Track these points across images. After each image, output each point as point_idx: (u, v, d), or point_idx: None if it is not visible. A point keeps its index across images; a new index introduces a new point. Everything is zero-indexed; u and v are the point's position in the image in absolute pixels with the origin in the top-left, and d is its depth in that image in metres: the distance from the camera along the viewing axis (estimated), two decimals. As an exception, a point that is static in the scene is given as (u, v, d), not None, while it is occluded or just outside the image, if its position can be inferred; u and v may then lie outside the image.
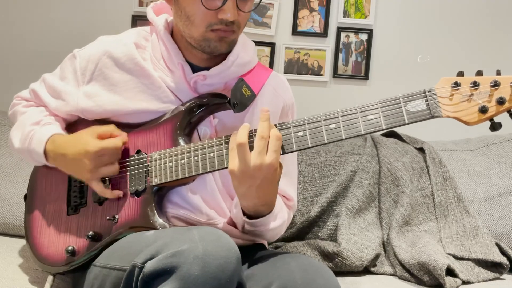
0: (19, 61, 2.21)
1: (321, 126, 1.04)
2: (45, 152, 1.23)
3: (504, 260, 1.62)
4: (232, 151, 1.06)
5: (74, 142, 1.19)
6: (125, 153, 1.22)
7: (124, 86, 1.23)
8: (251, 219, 1.16)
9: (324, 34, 2.22)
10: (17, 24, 2.21)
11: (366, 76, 2.24)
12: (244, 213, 1.17)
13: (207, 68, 1.21)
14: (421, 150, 1.90)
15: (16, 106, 1.37)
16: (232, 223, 1.23)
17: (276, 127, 1.07)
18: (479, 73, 0.98)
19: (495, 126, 0.96)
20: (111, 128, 1.20)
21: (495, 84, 0.95)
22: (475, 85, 0.96)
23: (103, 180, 1.20)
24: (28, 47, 2.21)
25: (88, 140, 1.17)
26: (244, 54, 1.24)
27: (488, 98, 0.95)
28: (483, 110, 0.95)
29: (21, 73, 2.19)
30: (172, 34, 1.25)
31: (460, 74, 0.98)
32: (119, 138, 1.19)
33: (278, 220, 1.21)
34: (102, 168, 1.18)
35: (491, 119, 0.96)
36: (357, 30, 2.22)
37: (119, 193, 1.19)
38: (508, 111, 0.95)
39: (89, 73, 1.25)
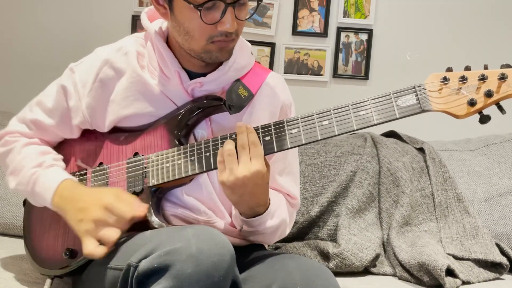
0: (20, 61, 2.22)
1: (315, 123, 1.06)
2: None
3: (504, 260, 1.62)
4: (220, 164, 1.08)
5: (90, 192, 1.16)
6: (123, 155, 1.22)
7: (122, 94, 1.23)
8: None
9: (324, 34, 2.22)
10: (18, 24, 2.22)
11: (366, 76, 2.24)
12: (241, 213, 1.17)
13: (204, 74, 1.21)
14: (421, 150, 1.89)
15: (12, 143, 1.28)
16: (233, 225, 1.24)
17: (270, 126, 1.09)
18: (467, 68, 1.00)
19: (483, 119, 0.97)
20: (132, 198, 1.13)
21: (483, 78, 0.97)
22: (463, 79, 0.99)
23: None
24: (28, 47, 2.22)
25: (107, 193, 1.12)
26: (241, 58, 1.23)
27: (476, 91, 0.97)
28: (472, 103, 0.97)
29: (22, 73, 2.20)
30: (167, 41, 1.24)
31: (449, 69, 1.01)
32: (132, 211, 1.09)
33: (276, 219, 1.21)
34: (104, 228, 1.08)
35: (480, 112, 0.98)
36: (357, 30, 2.22)
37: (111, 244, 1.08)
38: (497, 104, 0.97)
39: (89, 84, 1.24)
